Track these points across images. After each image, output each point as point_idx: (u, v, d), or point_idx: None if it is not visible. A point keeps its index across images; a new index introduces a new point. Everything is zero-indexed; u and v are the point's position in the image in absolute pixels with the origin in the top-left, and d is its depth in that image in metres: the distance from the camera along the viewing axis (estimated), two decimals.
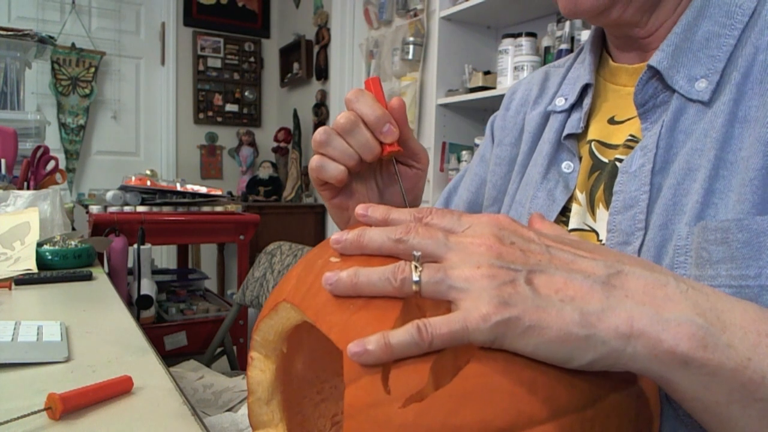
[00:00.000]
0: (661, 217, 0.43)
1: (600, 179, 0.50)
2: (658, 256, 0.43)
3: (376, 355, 0.29)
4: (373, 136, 0.45)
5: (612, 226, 0.46)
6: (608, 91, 0.54)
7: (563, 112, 0.56)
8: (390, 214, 0.36)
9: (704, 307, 0.30)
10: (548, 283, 0.30)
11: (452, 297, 0.30)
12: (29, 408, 0.44)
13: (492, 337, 0.29)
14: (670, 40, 0.47)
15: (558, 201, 0.52)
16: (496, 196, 0.63)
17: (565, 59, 0.63)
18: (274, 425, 0.42)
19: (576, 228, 0.51)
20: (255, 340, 0.41)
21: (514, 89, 0.67)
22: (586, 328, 0.29)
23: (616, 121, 0.52)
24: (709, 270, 0.39)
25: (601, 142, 0.52)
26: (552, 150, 0.55)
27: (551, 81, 0.62)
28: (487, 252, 0.31)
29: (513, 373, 0.29)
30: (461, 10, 2.02)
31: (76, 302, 0.87)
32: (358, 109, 0.44)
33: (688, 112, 0.45)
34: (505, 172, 0.62)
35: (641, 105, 0.48)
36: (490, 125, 0.68)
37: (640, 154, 0.46)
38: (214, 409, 1.18)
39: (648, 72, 0.47)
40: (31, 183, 1.44)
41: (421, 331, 0.29)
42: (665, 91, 0.47)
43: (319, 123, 3.31)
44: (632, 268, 0.31)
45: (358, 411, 0.30)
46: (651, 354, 0.29)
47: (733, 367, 0.29)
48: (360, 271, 0.33)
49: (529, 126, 0.60)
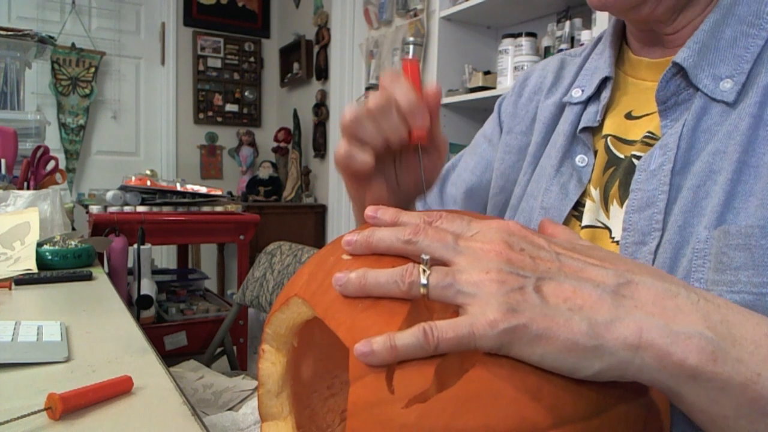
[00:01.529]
0: (680, 219, 0.42)
1: (615, 175, 0.49)
2: (675, 258, 0.42)
3: (382, 356, 0.29)
4: (403, 121, 0.43)
5: (628, 224, 0.45)
6: (628, 85, 0.53)
7: (579, 104, 0.55)
8: (400, 216, 0.36)
9: (715, 319, 0.30)
10: (557, 291, 0.30)
11: (460, 301, 0.30)
12: (29, 408, 0.44)
13: (498, 343, 0.29)
14: (697, 38, 0.45)
15: (571, 195, 0.51)
16: (504, 185, 0.61)
17: (583, 48, 0.61)
18: (282, 417, 0.42)
19: (589, 225, 0.50)
20: (266, 332, 0.41)
21: (527, 75, 0.65)
22: (594, 338, 0.28)
23: (634, 116, 0.51)
24: (729, 275, 0.38)
25: (618, 138, 0.51)
26: (566, 143, 0.54)
27: (567, 70, 0.60)
28: (496, 257, 0.31)
29: (518, 379, 0.29)
30: (461, 10, 2.02)
31: (76, 302, 0.87)
32: (394, 92, 0.42)
33: (711, 112, 0.44)
34: (515, 161, 0.61)
35: (662, 102, 0.47)
36: (497, 108, 0.66)
37: (660, 152, 0.45)
38: (214, 409, 1.18)
39: (672, 68, 0.46)
40: (31, 183, 1.44)
41: (427, 334, 0.29)
42: (688, 88, 0.46)
43: (319, 123, 3.31)
44: (643, 277, 0.31)
45: (361, 409, 0.30)
46: (659, 366, 0.29)
47: (742, 381, 0.29)
48: (369, 272, 0.33)
49: (543, 115, 0.59)
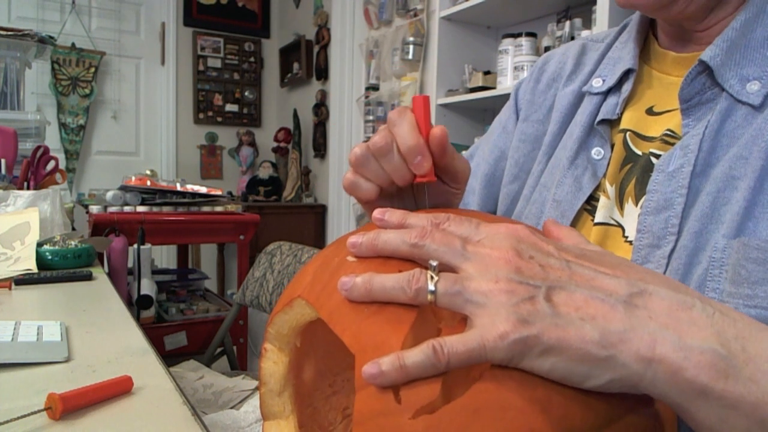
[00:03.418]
0: (697, 224, 0.41)
1: (632, 173, 0.48)
2: (689, 264, 0.41)
3: (392, 377, 0.29)
4: (405, 162, 0.42)
5: (643, 226, 0.44)
6: (652, 78, 0.51)
7: (599, 95, 0.53)
8: (407, 218, 0.36)
9: (729, 335, 0.29)
10: (568, 301, 0.29)
11: (468, 311, 0.30)
12: (29, 408, 0.44)
13: (510, 355, 0.28)
14: (726, 36, 0.44)
15: (585, 189, 0.50)
16: (517, 174, 0.60)
17: (605, 34, 0.59)
18: (285, 417, 0.42)
19: (602, 222, 0.49)
20: (269, 332, 0.41)
21: (546, 59, 0.63)
22: (606, 349, 0.28)
23: (655, 112, 0.49)
24: (746, 289, 0.37)
25: (637, 133, 0.49)
26: (583, 134, 0.52)
27: (588, 56, 0.58)
28: (505, 266, 0.30)
29: (527, 390, 0.28)
30: (461, 10, 2.02)
31: (76, 302, 0.87)
32: (395, 133, 0.41)
33: (735, 114, 0.43)
34: (530, 150, 0.59)
35: (686, 100, 0.45)
36: (514, 94, 0.65)
37: (680, 153, 0.44)
38: (214, 409, 1.18)
39: (698, 66, 0.44)
40: (31, 183, 1.44)
41: (437, 352, 0.28)
42: (713, 88, 0.44)
43: (319, 123, 3.31)
44: (656, 287, 0.30)
45: (368, 418, 0.29)
46: (671, 381, 0.28)
47: (753, 401, 0.28)
48: (375, 277, 0.32)
49: (560, 104, 0.57)
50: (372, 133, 2.71)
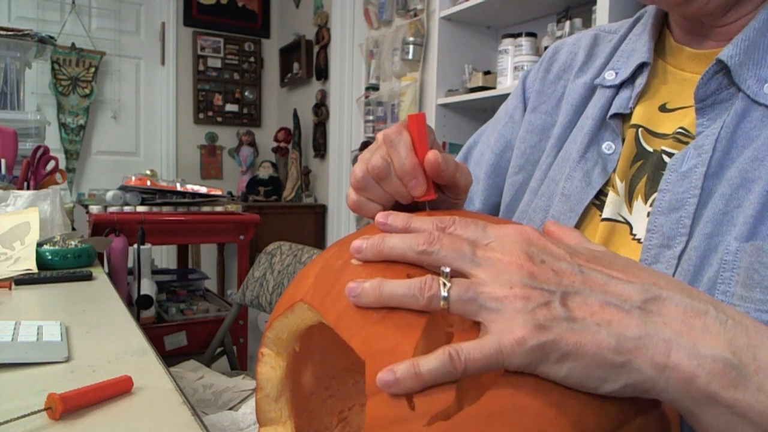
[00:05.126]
0: (709, 226, 0.40)
1: (643, 170, 0.47)
2: (700, 266, 0.40)
3: (407, 384, 0.28)
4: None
5: (653, 226, 0.44)
6: (666, 73, 0.50)
7: (612, 88, 0.52)
8: (411, 222, 0.35)
9: (740, 344, 0.29)
10: (583, 306, 0.29)
11: (482, 317, 0.29)
12: (29, 408, 0.44)
13: (528, 361, 0.28)
14: (746, 34, 0.43)
15: (594, 184, 0.49)
16: (524, 165, 0.59)
17: (619, 25, 0.58)
18: (281, 422, 0.42)
19: (609, 218, 0.48)
20: (267, 337, 0.40)
21: (557, 49, 0.62)
22: (622, 355, 0.28)
23: (668, 108, 0.48)
24: (759, 294, 0.37)
25: (648, 130, 0.48)
26: (594, 127, 0.51)
27: (601, 48, 0.57)
28: (518, 271, 0.30)
29: (541, 395, 0.28)
30: (461, 10, 2.02)
31: (76, 302, 0.87)
32: (391, 155, 0.41)
33: (752, 115, 0.42)
34: (537, 141, 0.58)
35: (701, 99, 0.44)
36: (522, 83, 0.63)
37: (694, 153, 0.43)
38: (214, 409, 1.18)
39: (715, 65, 0.43)
40: (31, 183, 1.44)
41: (453, 358, 0.28)
42: (730, 87, 0.43)
43: (319, 123, 3.31)
44: (670, 293, 0.30)
45: (380, 426, 0.29)
46: (683, 388, 0.28)
47: (761, 410, 0.28)
48: (384, 284, 0.31)
49: (571, 96, 0.56)
50: (372, 133, 2.71)
